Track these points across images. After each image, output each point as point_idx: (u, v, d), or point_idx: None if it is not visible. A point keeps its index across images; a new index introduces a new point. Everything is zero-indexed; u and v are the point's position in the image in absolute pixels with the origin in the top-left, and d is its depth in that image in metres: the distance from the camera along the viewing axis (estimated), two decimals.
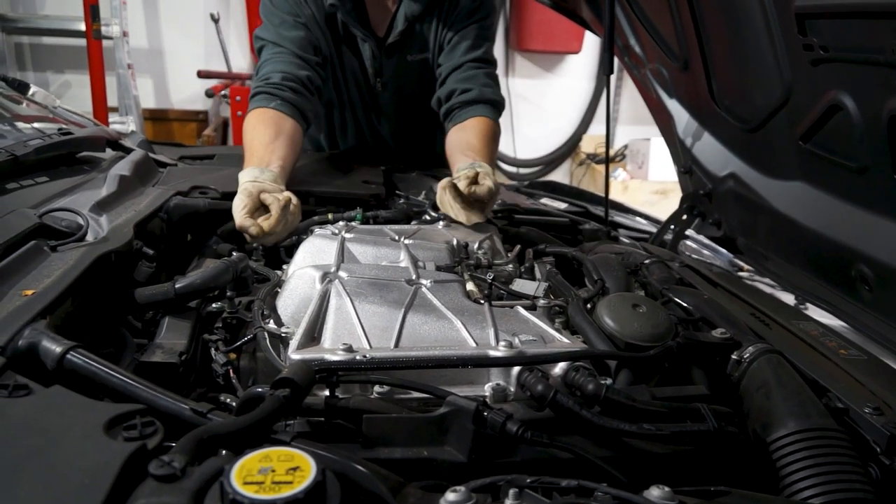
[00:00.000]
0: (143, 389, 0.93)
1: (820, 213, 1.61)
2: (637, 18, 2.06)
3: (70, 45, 5.83)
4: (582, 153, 7.01)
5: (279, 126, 2.03)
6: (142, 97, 5.81)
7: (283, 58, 2.15)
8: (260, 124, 2.02)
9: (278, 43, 2.17)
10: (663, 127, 2.36)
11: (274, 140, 1.96)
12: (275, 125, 2.02)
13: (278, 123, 2.03)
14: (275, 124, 2.02)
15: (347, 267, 1.42)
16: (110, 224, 1.49)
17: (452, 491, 0.73)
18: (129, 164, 1.97)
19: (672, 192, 5.84)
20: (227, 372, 1.18)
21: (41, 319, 1.03)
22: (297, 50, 2.16)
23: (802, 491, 0.91)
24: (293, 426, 0.96)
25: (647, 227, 2.53)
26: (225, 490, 0.63)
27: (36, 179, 1.72)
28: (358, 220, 1.85)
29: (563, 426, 0.98)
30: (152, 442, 0.76)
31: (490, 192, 1.77)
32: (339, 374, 1.01)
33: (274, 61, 2.15)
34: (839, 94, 1.36)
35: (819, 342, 1.29)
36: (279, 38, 2.17)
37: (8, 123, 2.00)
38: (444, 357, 1.09)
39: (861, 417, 1.02)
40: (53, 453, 0.72)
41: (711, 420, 0.98)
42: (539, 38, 6.52)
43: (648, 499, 0.74)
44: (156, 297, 1.32)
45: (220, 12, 5.91)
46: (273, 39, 2.18)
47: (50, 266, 1.23)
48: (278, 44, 2.17)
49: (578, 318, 1.30)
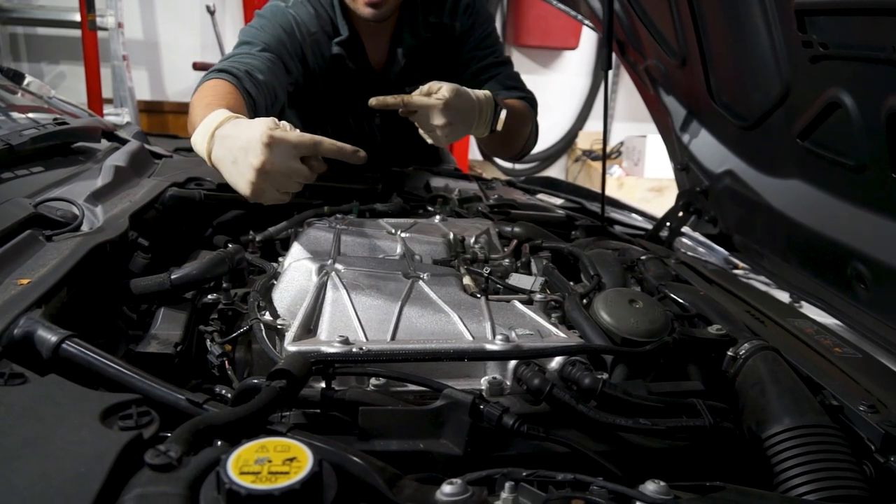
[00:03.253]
0: (139, 379, 0.92)
1: (817, 211, 1.61)
2: (635, 14, 2.06)
3: (65, 36, 5.80)
4: (578, 149, 7.01)
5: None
6: (137, 89, 5.78)
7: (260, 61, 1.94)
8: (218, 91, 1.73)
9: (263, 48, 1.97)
10: (660, 123, 2.36)
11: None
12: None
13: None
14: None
15: (344, 259, 1.42)
16: (106, 214, 1.49)
17: (448, 483, 0.74)
18: (124, 154, 1.96)
19: (668, 189, 5.85)
20: (223, 363, 1.17)
21: (36, 309, 1.02)
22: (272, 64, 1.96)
23: (797, 487, 0.92)
24: (289, 417, 0.96)
25: (644, 223, 2.53)
26: (221, 480, 0.63)
27: (31, 169, 1.72)
28: (354, 213, 1.85)
29: (560, 420, 0.98)
30: (148, 431, 0.76)
31: (437, 104, 1.68)
32: (335, 366, 1.01)
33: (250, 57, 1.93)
34: (838, 91, 1.36)
35: (814, 340, 1.29)
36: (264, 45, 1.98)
37: (3, 113, 2.00)
38: (441, 350, 1.09)
39: (856, 415, 1.03)
40: (49, 442, 0.72)
41: (707, 416, 0.98)
42: (536, 34, 6.53)
43: (644, 493, 0.75)
44: (151, 288, 1.31)
45: (215, 4, 5.87)
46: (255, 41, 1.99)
47: (45, 256, 1.23)
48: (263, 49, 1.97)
49: (575, 313, 1.30)
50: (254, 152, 1.24)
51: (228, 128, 1.33)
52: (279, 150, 1.24)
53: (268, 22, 1.98)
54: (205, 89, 1.71)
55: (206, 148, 1.35)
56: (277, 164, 1.24)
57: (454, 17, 2.19)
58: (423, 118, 1.72)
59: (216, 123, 1.37)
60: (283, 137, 1.24)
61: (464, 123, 1.77)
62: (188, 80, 5.92)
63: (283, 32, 1.98)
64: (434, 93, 1.71)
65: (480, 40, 2.24)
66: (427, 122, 1.72)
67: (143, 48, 6.12)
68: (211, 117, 1.40)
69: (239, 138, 1.29)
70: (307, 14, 2.05)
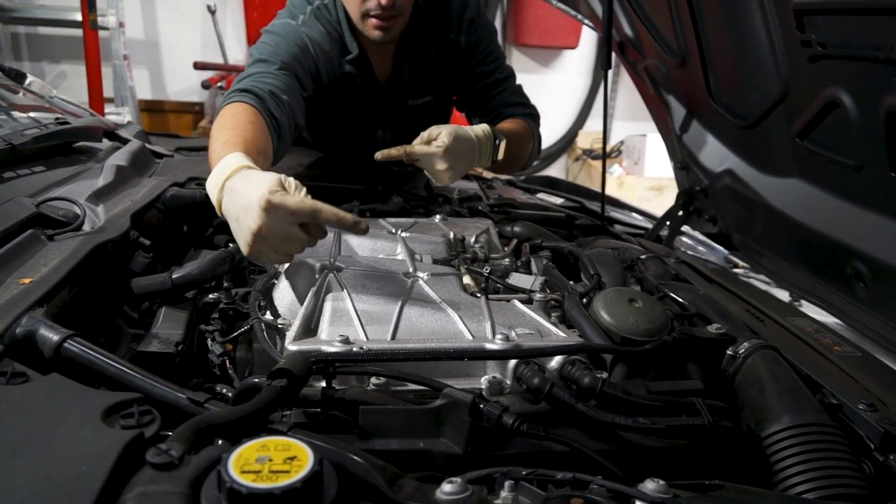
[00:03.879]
0: (141, 378, 0.93)
1: (816, 210, 1.62)
2: (635, 13, 2.06)
3: (66, 36, 5.80)
4: (578, 149, 7.00)
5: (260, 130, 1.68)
6: (138, 88, 5.78)
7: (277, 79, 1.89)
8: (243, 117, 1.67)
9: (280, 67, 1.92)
10: (660, 123, 2.36)
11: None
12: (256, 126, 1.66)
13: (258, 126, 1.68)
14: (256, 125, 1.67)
15: (344, 259, 1.43)
16: (107, 214, 1.49)
17: (448, 482, 0.74)
18: (125, 154, 1.97)
19: (668, 188, 5.85)
20: (224, 362, 1.18)
21: (38, 308, 1.03)
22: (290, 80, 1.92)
23: (796, 486, 0.92)
24: (290, 416, 0.97)
25: (643, 222, 2.53)
26: (222, 478, 0.63)
27: (33, 169, 1.72)
28: (355, 212, 1.85)
29: (559, 419, 0.98)
30: (150, 430, 0.76)
31: (438, 151, 1.77)
32: (335, 366, 1.01)
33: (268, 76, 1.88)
34: (837, 90, 1.36)
35: (813, 339, 1.29)
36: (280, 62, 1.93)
37: (4, 113, 2.00)
38: (441, 349, 1.09)
39: (855, 414, 1.03)
40: (51, 441, 0.72)
41: (706, 414, 0.98)
42: (536, 34, 6.51)
43: (643, 492, 0.75)
44: (152, 288, 1.31)
45: (216, 3, 5.88)
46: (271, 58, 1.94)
47: (47, 255, 1.23)
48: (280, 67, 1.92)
49: (575, 313, 1.30)
50: (252, 215, 1.21)
51: (237, 180, 1.30)
52: (277, 215, 1.20)
53: (282, 40, 1.97)
54: (226, 115, 1.66)
55: (216, 199, 1.33)
56: (274, 229, 1.21)
57: (459, 32, 2.20)
58: (426, 164, 1.82)
59: (228, 173, 1.33)
60: (281, 203, 1.19)
61: (465, 163, 1.87)
62: (189, 79, 5.93)
63: (298, 50, 1.97)
64: (434, 139, 1.79)
65: (486, 55, 2.26)
66: (431, 168, 1.82)
67: (144, 47, 6.12)
68: (224, 164, 1.37)
69: (243, 196, 1.26)
70: (319, 33, 2.05)
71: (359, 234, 1.25)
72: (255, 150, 1.49)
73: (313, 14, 2.08)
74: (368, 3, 1.96)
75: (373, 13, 1.97)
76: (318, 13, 2.08)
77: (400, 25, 2.05)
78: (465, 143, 1.83)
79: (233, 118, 1.63)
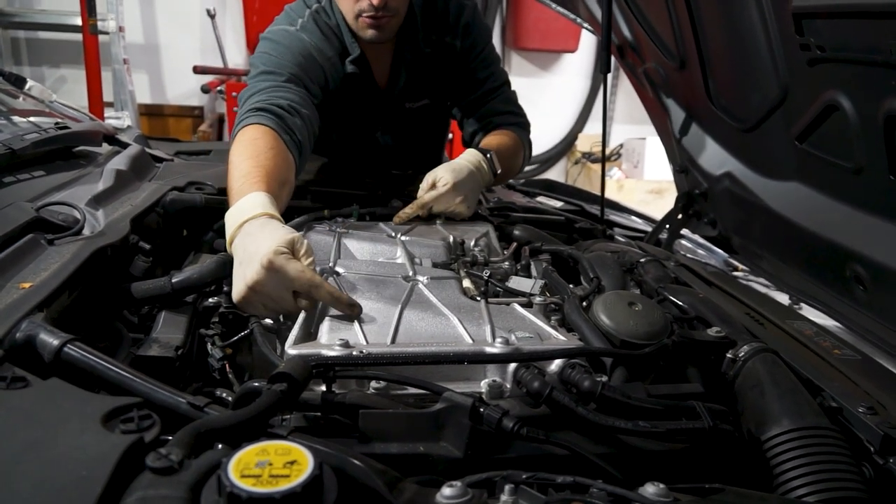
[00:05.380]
0: (140, 383, 0.93)
1: (815, 214, 1.62)
2: (634, 17, 2.07)
3: (66, 40, 5.80)
4: (578, 152, 7.01)
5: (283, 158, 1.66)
6: (137, 93, 5.78)
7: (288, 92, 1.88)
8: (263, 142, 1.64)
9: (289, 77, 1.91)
10: (659, 126, 2.36)
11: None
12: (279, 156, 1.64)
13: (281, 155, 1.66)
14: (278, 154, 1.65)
15: (344, 263, 1.43)
16: (107, 218, 1.50)
17: (448, 486, 0.74)
18: (125, 158, 1.97)
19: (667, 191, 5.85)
20: (224, 367, 1.18)
21: (38, 312, 1.03)
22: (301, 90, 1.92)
23: (796, 489, 0.92)
24: (290, 421, 0.97)
25: (643, 226, 2.53)
26: (222, 483, 0.63)
27: (33, 173, 1.72)
28: (354, 216, 1.85)
29: (559, 423, 0.98)
30: (149, 435, 0.76)
31: (445, 189, 1.82)
32: (335, 370, 1.01)
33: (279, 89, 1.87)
34: (836, 94, 1.37)
35: (813, 342, 1.29)
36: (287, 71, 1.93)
37: (4, 118, 2.00)
38: (441, 353, 1.09)
39: (855, 417, 1.03)
40: (51, 445, 0.72)
41: (706, 418, 0.98)
42: (535, 37, 6.52)
43: (643, 495, 0.75)
44: (152, 292, 1.31)
45: (216, 8, 5.87)
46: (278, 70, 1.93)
47: (47, 259, 1.23)
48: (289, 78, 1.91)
49: (574, 316, 1.30)
50: (252, 268, 1.22)
51: (254, 226, 1.32)
52: (275, 276, 1.21)
53: (286, 49, 1.96)
54: (245, 142, 1.62)
55: (230, 235, 1.35)
56: (268, 288, 1.22)
57: (455, 36, 2.20)
58: (441, 206, 1.85)
59: (248, 216, 1.35)
60: (281, 267, 1.21)
61: (474, 189, 1.92)
62: (189, 83, 5.92)
63: (304, 60, 1.97)
64: (437, 181, 1.83)
65: (481, 59, 2.26)
66: (447, 207, 1.86)
67: (144, 52, 6.12)
68: (245, 205, 1.39)
69: (252, 244, 1.27)
70: (319, 38, 2.05)
71: (353, 316, 1.23)
72: (276, 183, 1.51)
73: (312, 18, 2.08)
74: (361, 4, 1.96)
75: (366, 13, 1.97)
76: (317, 17, 2.08)
77: (394, 25, 2.05)
78: (463, 171, 1.87)
79: (252, 145, 1.61)
